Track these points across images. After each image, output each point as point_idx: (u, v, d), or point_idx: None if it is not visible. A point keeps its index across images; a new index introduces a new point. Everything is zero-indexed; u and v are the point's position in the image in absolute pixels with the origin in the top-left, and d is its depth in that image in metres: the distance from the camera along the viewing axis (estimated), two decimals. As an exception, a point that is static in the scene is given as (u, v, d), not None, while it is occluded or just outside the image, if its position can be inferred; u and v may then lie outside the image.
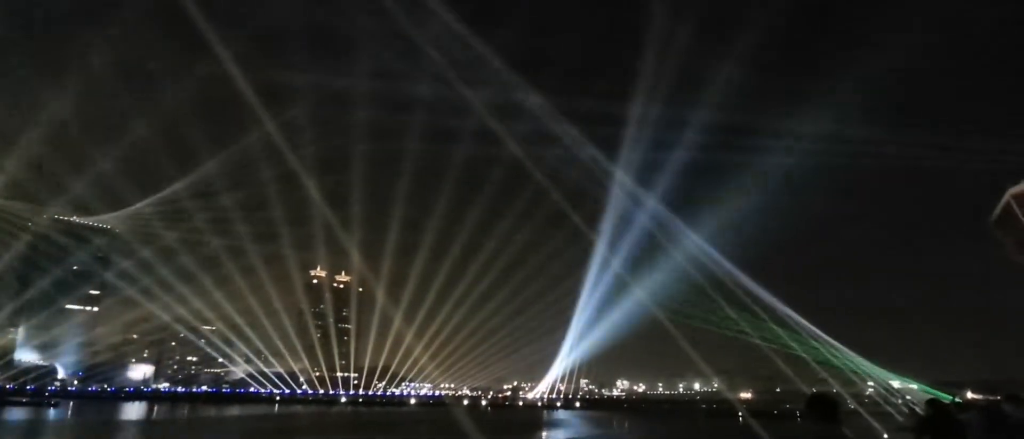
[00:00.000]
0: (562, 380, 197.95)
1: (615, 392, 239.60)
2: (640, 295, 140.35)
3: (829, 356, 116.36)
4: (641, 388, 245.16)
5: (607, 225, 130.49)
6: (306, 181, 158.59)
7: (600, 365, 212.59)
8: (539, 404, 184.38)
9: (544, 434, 72.24)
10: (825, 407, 6.09)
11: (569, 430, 78.50)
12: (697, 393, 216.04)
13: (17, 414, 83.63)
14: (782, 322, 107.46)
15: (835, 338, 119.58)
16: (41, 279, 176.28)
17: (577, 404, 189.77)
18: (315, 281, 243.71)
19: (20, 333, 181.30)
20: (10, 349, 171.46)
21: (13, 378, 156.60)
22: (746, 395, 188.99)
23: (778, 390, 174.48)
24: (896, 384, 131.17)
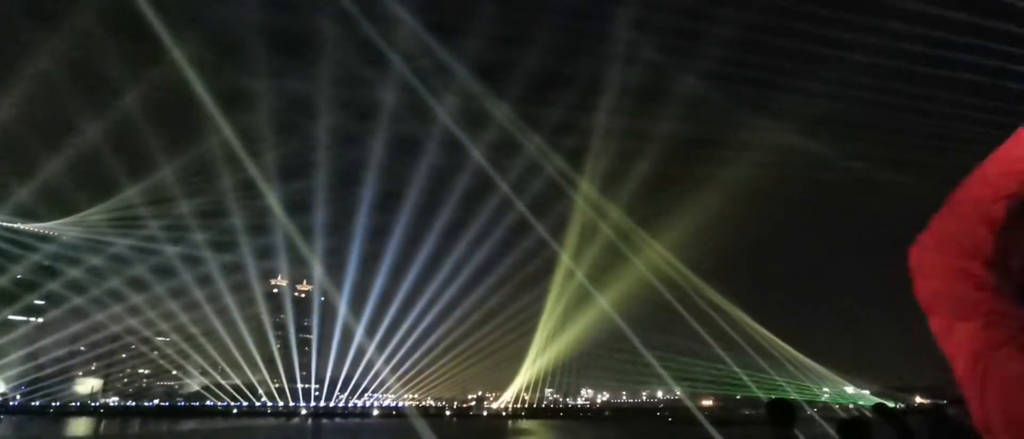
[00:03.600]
0: (527, 389, 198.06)
1: (580, 401, 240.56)
2: (603, 305, 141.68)
3: (786, 363, 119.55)
4: (605, 396, 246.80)
5: (571, 235, 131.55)
6: (266, 189, 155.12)
7: (565, 374, 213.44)
8: (504, 413, 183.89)
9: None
10: (782, 412, 6.18)
11: (534, 438, 78.43)
12: (660, 401, 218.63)
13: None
14: (742, 330, 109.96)
15: (792, 345, 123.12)
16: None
17: (542, 413, 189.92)
18: (276, 290, 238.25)
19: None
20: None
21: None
22: (707, 402, 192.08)
23: (738, 397, 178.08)
24: (850, 390, 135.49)
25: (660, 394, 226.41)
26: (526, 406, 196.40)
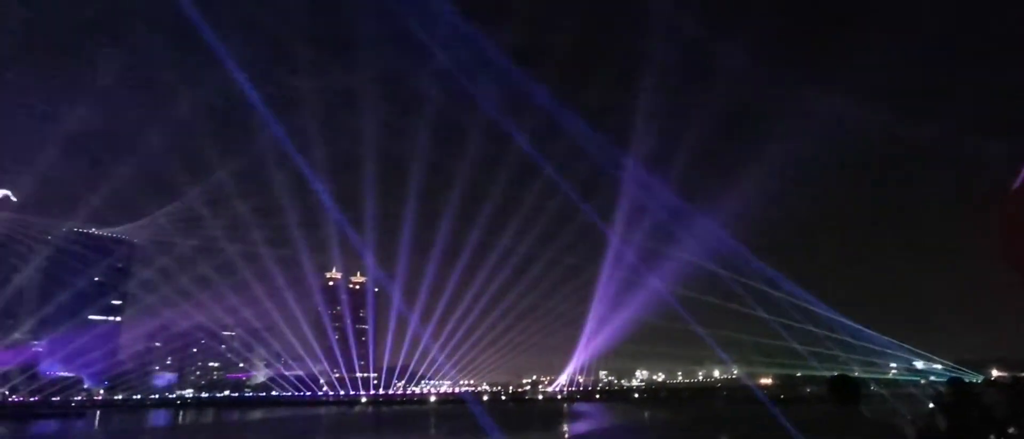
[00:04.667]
0: (581, 372, 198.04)
1: (634, 382, 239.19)
2: (656, 284, 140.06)
3: (850, 338, 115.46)
4: (660, 378, 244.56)
5: (620, 215, 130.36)
6: (318, 184, 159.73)
7: (619, 356, 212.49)
8: (559, 397, 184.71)
9: (565, 426, 72.31)
10: (846, 389, 6.08)
11: (590, 421, 78.65)
12: (717, 381, 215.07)
13: (45, 426, 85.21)
14: (801, 307, 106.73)
15: (856, 320, 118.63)
16: (63, 291, 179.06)
17: (597, 396, 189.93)
18: (331, 283, 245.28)
19: (44, 346, 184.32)
20: (34, 363, 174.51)
21: (38, 391, 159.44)
22: (766, 381, 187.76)
23: (798, 375, 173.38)
24: (919, 365, 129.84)
25: (717, 373, 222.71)
26: (581, 389, 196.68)
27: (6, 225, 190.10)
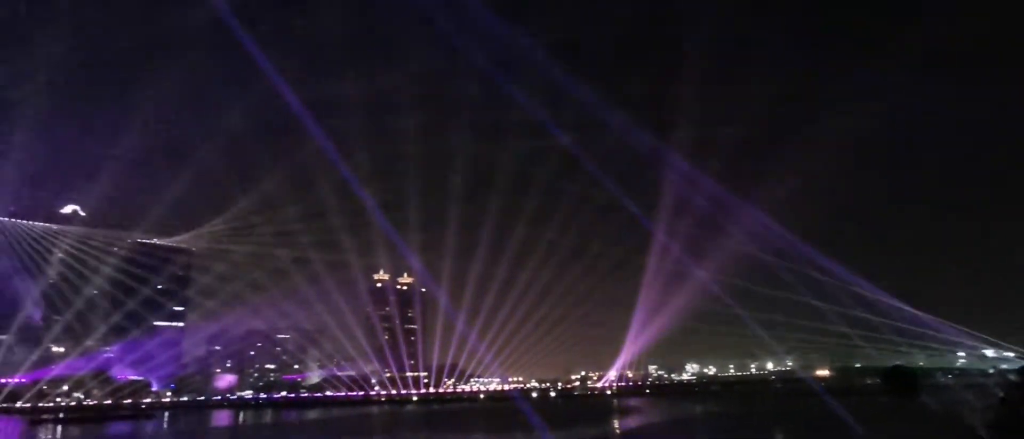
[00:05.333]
0: (630, 367, 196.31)
1: (685, 376, 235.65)
2: (703, 276, 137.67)
3: (913, 327, 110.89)
4: (711, 371, 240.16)
5: (665, 207, 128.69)
6: (363, 187, 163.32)
7: (668, 350, 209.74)
8: (608, 392, 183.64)
9: (616, 422, 72.02)
10: (902, 381, 6.06)
11: (640, 417, 78.10)
12: (770, 373, 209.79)
13: (118, 427, 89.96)
14: (860, 295, 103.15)
15: (919, 308, 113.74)
16: (130, 300, 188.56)
17: (647, 390, 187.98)
18: (379, 285, 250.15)
19: (116, 352, 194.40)
20: (107, 367, 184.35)
21: (111, 394, 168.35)
22: (822, 372, 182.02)
23: (857, 365, 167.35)
24: (989, 353, 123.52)
25: (770, 366, 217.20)
26: (630, 383, 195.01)
27: (76, 238, 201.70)
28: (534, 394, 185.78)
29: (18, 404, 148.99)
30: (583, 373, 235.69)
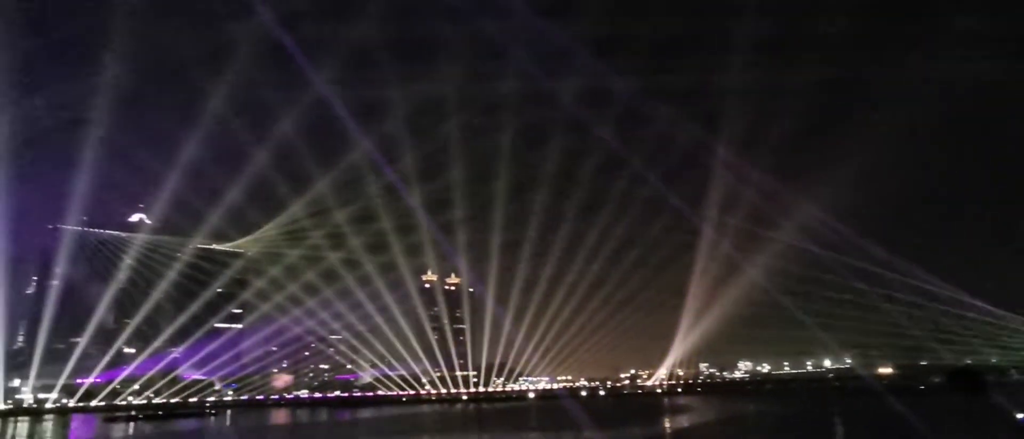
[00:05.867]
0: (680, 365, 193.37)
1: (737, 374, 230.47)
2: (755, 272, 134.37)
3: (987, 320, 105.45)
4: (765, 369, 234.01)
5: (713, 203, 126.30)
6: (408, 189, 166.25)
7: (719, 347, 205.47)
8: (658, 391, 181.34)
9: (667, 420, 71.19)
10: (970, 379, 6.04)
11: (691, 415, 76.94)
12: (828, 371, 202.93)
13: (186, 425, 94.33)
14: (924, 289, 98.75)
15: (992, 303, 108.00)
16: (193, 302, 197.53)
17: (698, 389, 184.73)
18: (427, 285, 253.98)
19: (181, 353, 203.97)
20: (174, 368, 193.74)
21: (178, 393, 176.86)
22: (885, 370, 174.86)
23: (923, 363, 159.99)
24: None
25: (828, 363, 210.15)
26: (681, 381, 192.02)
27: (143, 245, 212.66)
28: (583, 393, 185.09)
29: (93, 403, 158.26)
30: (632, 371, 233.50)
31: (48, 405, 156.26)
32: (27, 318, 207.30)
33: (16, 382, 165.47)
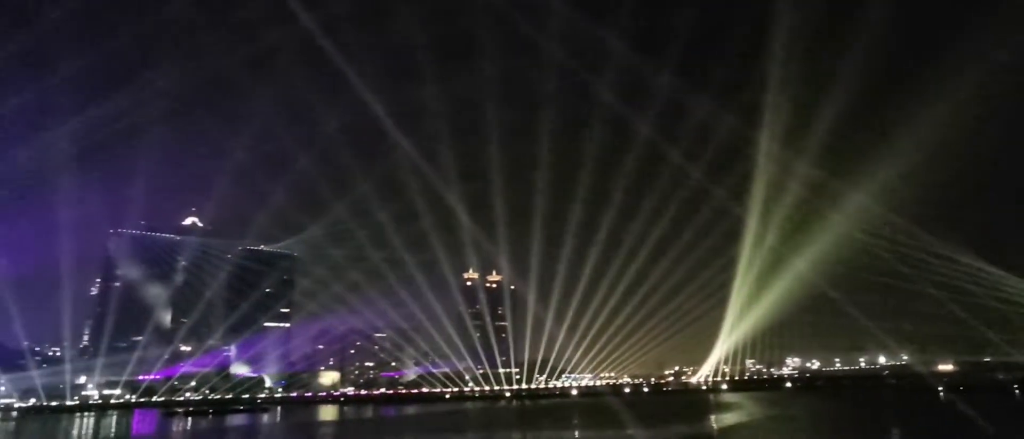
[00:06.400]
0: (726, 361, 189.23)
1: (785, 371, 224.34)
2: (803, 265, 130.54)
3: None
4: (815, 365, 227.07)
5: (758, 195, 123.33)
6: (449, 188, 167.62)
7: (766, 344, 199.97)
8: (703, 387, 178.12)
9: (713, 418, 69.93)
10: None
11: (739, 412, 75.36)
12: (883, 367, 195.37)
13: (240, 420, 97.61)
14: (988, 282, 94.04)
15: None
16: (243, 302, 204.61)
17: (745, 385, 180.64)
18: (469, 283, 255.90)
19: (233, 350, 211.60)
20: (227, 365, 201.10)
21: (231, 389, 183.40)
22: (945, 367, 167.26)
23: (986, 359, 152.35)
24: None
25: (882, 359, 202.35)
26: (727, 378, 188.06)
27: (197, 247, 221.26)
28: (626, 390, 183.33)
29: (154, 398, 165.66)
30: (677, 368, 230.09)
31: (112, 401, 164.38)
32: (91, 318, 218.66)
33: (82, 379, 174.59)
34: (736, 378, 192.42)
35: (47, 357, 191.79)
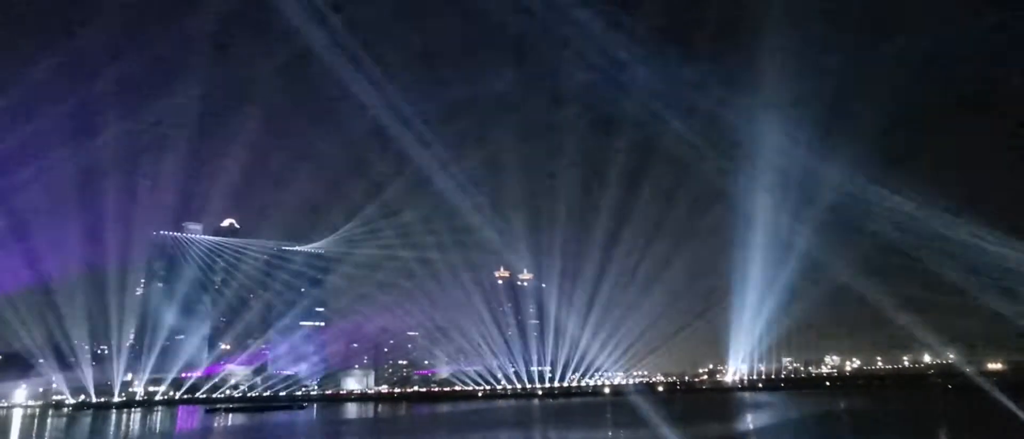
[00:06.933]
0: (761, 360, 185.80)
1: (824, 369, 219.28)
2: (840, 261, 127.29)
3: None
4: (855, 363, 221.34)
5: (793, 188, 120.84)
6: (480, 187, 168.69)
7: (804, 341, 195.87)
8: (738, 386, 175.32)
9: (749, 416, 68.90)
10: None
11: (773, 412, 74.07)
12: (928, 366, 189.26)
13: (278, 417, 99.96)
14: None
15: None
16: (280, 301, 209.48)
17: (781, 384, 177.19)
18: (500, 282, 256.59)
19: (271, 349, 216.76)
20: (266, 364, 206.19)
21: (270, 387, 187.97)
22: (995, 366, 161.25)
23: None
24: None
25: (927, 358, 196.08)
26: (762, 377, 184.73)
27: (234, 249, 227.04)
28: (660, 388, 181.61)
29: (197, 395, 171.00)
30: (710, 366, 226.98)
31: (157, 397, 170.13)
32: (137, 318, 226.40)
33: (128, 376, 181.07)
34: (772, 376, 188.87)
35: (96, 355, 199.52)
